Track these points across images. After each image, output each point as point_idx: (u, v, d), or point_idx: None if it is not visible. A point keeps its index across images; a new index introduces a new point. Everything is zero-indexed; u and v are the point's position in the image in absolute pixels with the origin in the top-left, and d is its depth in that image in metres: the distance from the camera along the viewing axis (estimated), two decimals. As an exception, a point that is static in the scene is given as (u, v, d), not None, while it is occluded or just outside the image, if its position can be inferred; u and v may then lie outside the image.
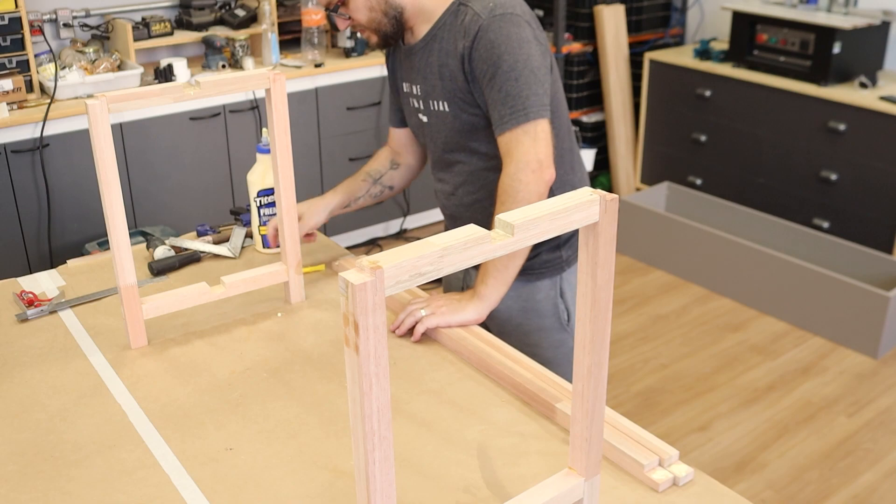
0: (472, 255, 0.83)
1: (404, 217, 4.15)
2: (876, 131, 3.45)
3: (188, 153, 3.37)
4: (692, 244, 3.68)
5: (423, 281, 0.80)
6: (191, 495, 1.15)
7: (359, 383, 0.79)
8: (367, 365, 0.78)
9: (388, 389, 0.81)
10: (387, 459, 0.84)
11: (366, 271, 0.76)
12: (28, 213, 3.09)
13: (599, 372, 0.99)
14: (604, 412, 1.05)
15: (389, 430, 0.83)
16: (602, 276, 0.94)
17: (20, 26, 3.07)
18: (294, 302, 1.64)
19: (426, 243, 0.81)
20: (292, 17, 3.80)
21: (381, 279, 0.76)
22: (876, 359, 3.18)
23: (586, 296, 0.95)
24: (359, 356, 0.77)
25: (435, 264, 0.80)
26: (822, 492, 2.53)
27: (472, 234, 0.83)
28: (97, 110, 1.33)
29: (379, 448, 0.82)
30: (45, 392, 1.37)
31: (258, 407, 1.33)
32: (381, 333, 0.78)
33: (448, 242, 0.81)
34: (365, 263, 0.76)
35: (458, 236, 0.82)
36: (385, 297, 0.77)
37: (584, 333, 0.97)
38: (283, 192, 1.55)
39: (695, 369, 3.13)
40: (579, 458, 1.05)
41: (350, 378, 0.80)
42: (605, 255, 0.93)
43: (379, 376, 0.79)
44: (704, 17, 4.57)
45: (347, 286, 0.75)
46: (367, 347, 0.77)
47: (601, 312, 0.96)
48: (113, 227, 1.40)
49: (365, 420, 0.80)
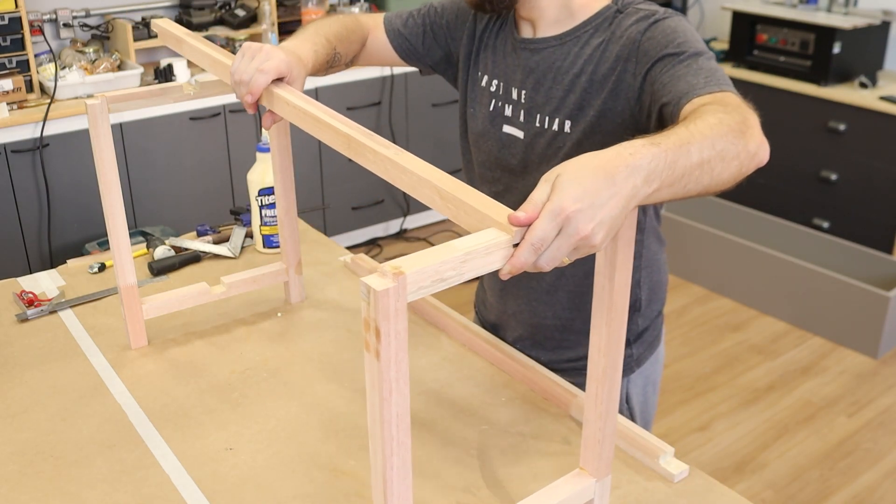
0: (495, 259, 0.81)
1: (404, 217, 4.15)
2: (876, 131, 3.45)
3: (188, 153, 3.37)
4: (692, 244, 3.68)
5: (445, 286, 0.78)
6: (191, 495, 1.15)
7: (378, 389, 0.77)
8: (387, 371, 0.77)
9: (407, 395, 0.79)
10: (405, 465, 0.83)
11: (388, 276, 0.74)
12: (28, 213, 3.09)
13: (614, 374, 0.99)
14: (616, 414, 1.05)
15: (408, 436, 0.82)
16: (619, 280, 0.93)
17: (20, 26, 3.07)
18: (294, 302, 1.63)
19: (448, 247, 0.78)
20: (292, 17, 3.80)
21: (403, 285, 0.74)
22: (876, 359, 3.18)
23: (602, 299, 0.95)
24: (379, 362, 0.76)
25: (457, 269, 0.78)
26: (822, 492, 2.52)
27: (495, 237, 0.81)
28: (97, 110, 1.33)
29: (397, 454, 0.82)
30: (45, 392, 1.37)
31: (258, 407, 1.33)
32: (402, 339, 0.76)
33: (471, 247, 0.78)
34: (387, 268, 0.74)
35: (481, 240, 0.80)
36: (406, 303, 0.75)
37: (600, 336, 0.97)
38: (283, 192, 1.55)
39: (695, 369, 3.13)
40: (591, 459, 1.05)
41: (369, 384, 0.79)
42: (623, 258, 0.92)
43: (399, 382, 0.78)
44: (704, 17, 4.57)
45: (369, 292, 0.73)
46: (389, 353, 0.76)
47: (617, 316, 0.95)
48: (113, 227, 1.40)
49: (384, 426, 0.79)
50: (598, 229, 0.81)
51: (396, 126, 3.91)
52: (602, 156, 0.84)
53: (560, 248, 0.81)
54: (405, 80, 3.86)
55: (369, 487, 1.15)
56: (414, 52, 1.52)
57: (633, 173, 0.84)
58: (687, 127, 0.93)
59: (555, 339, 1.46)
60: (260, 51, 1.27)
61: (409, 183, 0.96)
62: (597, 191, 0.81)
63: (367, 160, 1.04)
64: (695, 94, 1.10)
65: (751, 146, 0.98)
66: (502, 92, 1.38)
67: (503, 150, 1.38)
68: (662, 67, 1.19)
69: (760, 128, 1.01)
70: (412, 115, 3.96)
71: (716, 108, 1.00)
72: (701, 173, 0.91)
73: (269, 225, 1.81)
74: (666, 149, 0.87)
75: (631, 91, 1.23)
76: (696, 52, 1.17)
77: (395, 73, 3.82)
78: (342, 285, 1.70)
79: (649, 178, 0.85)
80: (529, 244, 0.80)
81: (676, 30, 1.21)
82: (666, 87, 1.16)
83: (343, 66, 1.50)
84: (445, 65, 1.52)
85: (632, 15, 1.26)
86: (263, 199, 1.79)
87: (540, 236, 0.80)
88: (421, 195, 0.94)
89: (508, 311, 1.49)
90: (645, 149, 0.86)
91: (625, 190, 0.83)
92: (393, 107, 3.88)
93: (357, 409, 1.32)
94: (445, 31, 1.49)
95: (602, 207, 0.81)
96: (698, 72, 1.14)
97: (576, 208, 0.80)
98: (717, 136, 0.93)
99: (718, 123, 0.95)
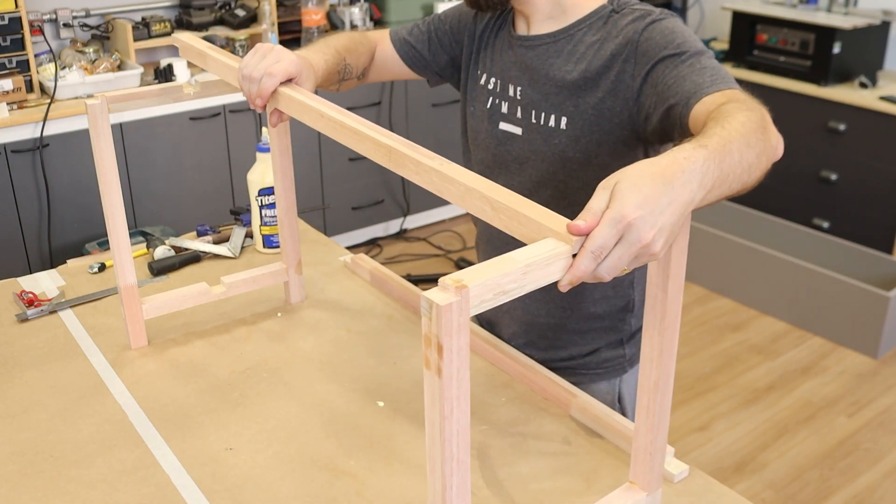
0: (555, 270, 0.78)
1: (404, 217, 4.15)
2: (876, 131, 3.45)
3: (188, 153, 3.37)
4: (692, 244, 3.68)
5: (507, 299, 0.75)
6: (191, 495, 1.15)
7: (439, 407, 0.75)
8: (449, 389, 0.74)
9: (468, 413, 0.77)
10: (464, 485, 0.80)
11: (450, 290, 0.71)
12: (28, 213, 3.09)
13: (666, 385, 0.96)
14: (668, 427, 1.03)
15: (468, 455, 0.79)
16: (673, 288, 0.91)
17: (20, 26, 3.07)
18: (294, 302, 1.64)
19: (508, 260, 0.76)
20: (292, 17, 3.81)
21: (466, 298, 0.71)
22: (876, 359, 3.18)
23: (656, 308, 0.92)
24: (441, 379, 0.73)
25: (518, 281, 0.76)
26: (822, 492, 2.52)
27: (554, 248, 0.78)
28: (97, 110, 1.33)
29: (457, 473, 0.79)
30: (45, 392, 1.37)
31: (258, 407, 1.33)
32: (464, 355, 0.74)
33: (531, 258, 0.76)
34: (448, 282, 0.72)
35: (541, 251, 0.78)
36: (469, 318, 0.73)
37: (653, 347, 0.95)
38: (282, 192, 1.55)
39: (695, 369, 3.13)
40: (642, 473, 1.02)
41: (429, 401, 0.76)
42: (677, 266, 0.90)
43: (460, 400, 0.76)
44: (704, 17, 4.57)
45: (432, 307, 0.70)
46: (451, 370, 0.73)
47: (670, 325, 0.93)
48: (113, 227, 1.40)
49: (445, 444, 0.77)
50: (658, 236, 0.80)
51: (396, 126, 3.90)
52: (659, 162, 0.84)
53: (621, 257, 0.79)
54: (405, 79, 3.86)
55: (369, 487, 1.15)
56: (420, 59, 1.53)
57: (689, 178, 0.83)
58: (723, 126, 0.93)
59: (548, 337, 1.46)
60: (271, 51, 1.28)
61: (458, 193, 0.93)
62: (657, 197, 0.80)
63: (410, 171, 1.01)
64: (703, 93, 1.10)
65: (773, 140, 1.00)
66: (500, 89, 1.38)
67: (501, 147, 1.39)
68: (664, 69, 1.19)
69: (772, 122, 1.03)
70: (412, 115, 3.96)
71: (737, 105, 1.01)
72: (741, 171, 0.91)
73: (269, 225, 1.81)
74: (713, 150, 0.87)
75: (630, 91, 1.23)
76: (697, 52, 1.18)
77: (395, 73, 3.82)
78: (342, 285, 1.70)
79: (703, 181, 0.85)
80: (590, 252, 0.78)
81: (675, 30, 1.21)
82: (671, 89, 1.16)
83: (355, 80, 1.51)
84: (451, 69, 1.53)
85: (627, 15, 1.27)
86: (263, 199, 1.79)
87: (600, 244, 0.78)
88: (470, 206, 0.92)
89: (503, 308, 1.50)
90: (696, 152, 0.86)
91: (683, 195, 0.82)
92: (393, 107, 3.88)
93: (357, 409, 1.32)
94: (449, 35, 1.50)
95: (662, 214, 0.80)
96: (702, 71, 1.14)
97: (637, 215, 0.78)
98: (748, 133, 0.94)
99: (747, 121, 0.96)
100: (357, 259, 1.76)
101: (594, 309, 1.42)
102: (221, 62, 1.37)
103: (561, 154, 1.31)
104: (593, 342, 1.45)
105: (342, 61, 1.44)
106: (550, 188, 1.34)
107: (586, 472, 1.17)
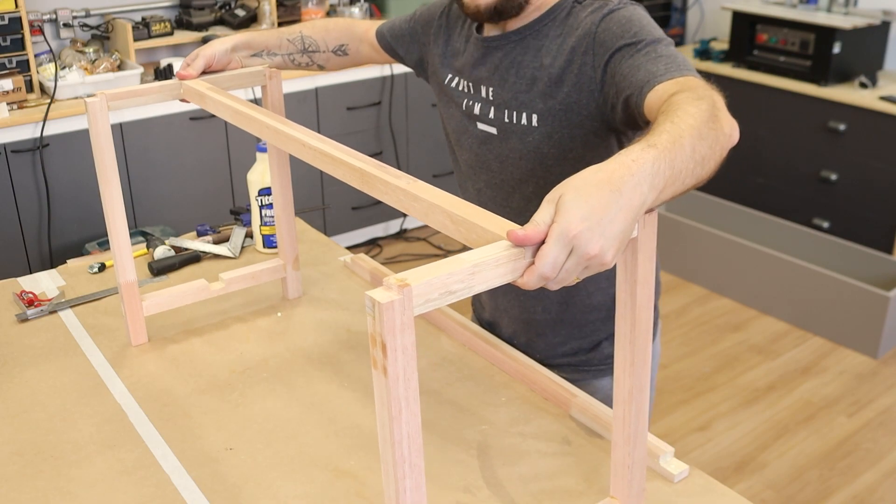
0: (505, 271, 0.77)
1: (404, 217, 4.15)
2: (876, 131, 3.45)
3: (188, 153, 3.37)
4: (692, 244, 3.68)
5: (455, 299, 0.75)
6: (191, 495, 1.15)
7: (387, 407, 0.74)
8: (395, 388, 0.73)
9: (418, 414, 0.76)
10: (418, 488, 0.79)
11: (393, 289, 0.71)
12: (28, 213, 3.09)
13: (641, 395, 0.95)
14: (646, 437, 1.00)
15: (421, 457, 0.78)
16: (642, 295, 0.89)
17: (20, 26, 3.07)
18: (292, 297, 1.63)
19: (456, 260, 0.75)
20: (292, 17, 3.80)
21: (409, 297, 0.71)
22: (876, 359, 3.18)
23: (625, 316, 0.91)
24: (387, 379, 0.73)
25: (466, 282, 0.75)
26: (822, 492, 2.52)
27: (503, 249, 0.77)
28: (96, 108, 1.33)
29: (410, 476, 0.78)
30: (45, 392, 1.37)
31: (258, 407, 1.33)
32: (410, 355, 0.73)
33: (480, 258, 0.75)
34: (392, 281, 0.71)
35: (490, 252, 0.77)
36: (413, 317, 0.72)
37: (625, 357, 0.93)
38: (280, 191, 1.55)
39: (695, 369, 3.13)
40: (621, 486, 1.00)
41: (378, 402, 0.75)
42: (644, 272, 0.89)
43: (409, 400, 0.75)
44: (704, 17, 4.57)
45: (374, 305, 0.70)
46: (396, 370, 0.73)
47: (641, 333, 0.91)
48: (113, 227, 1.40)
49: (395, 446, 0.76)
50: (608, 246, 0.78)
51: (396, 126, 3.90)
52: (605, 168, 0.81)
53: (570, 270, 0.78)
54: (405, 80, 3.86)
55: (369, 487, 1.15)
56: (395, 52, 1.58)
57: (639, 182, 0.81)
58: (673, 121, 0.91)
59: (547, 333, 1.47)
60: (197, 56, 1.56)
61: (421, 210, 0.94)
62: (603, 207, 0.78)
63: (380, 192, 1.01)
64: (656, 81, 1.09)
65: (726, 128, 0.97)
66: (472, 91, 1.38)
67: (482, 147, 1.39)
68: (621, 58, 1.18)
69: (726, 108, 1.00)
70: (412, 115, 3.96)
71: (687, 95, 0.98)
72: (694, 165, 0.89)
73: (269, 225, 1.81)
74: (663, 149, 0.85)
75: (593, 84, 1.23)
76: (654, 40, 1.17)
77: (395, 73, 3.82)
78: (342, 285, 1.70)
79: (654, 182, 0.82)
80: (539, 274, 0.77)
81: (631, 19, 1.20)
82: (626, 79, 1.15)
83: (332, 55, 1.61)
84: (420, 69, 1.56)
85: (588, 6, 1.26)
86: (263, 199, 1.79)
87: (551, 262, 0.77)
88: (433, 221, 0.92)
89: (500, 308, 1.51)
90: (645, 153, 0.83)
91: (634, 201, 0.80)
92: (393, 107, 3.88)
93: (357, 409, 1.32)
94: (421, 34, 1.52)
95: (611, 223, 0.78)
96: (657, 59, 1.13)
97: (582, 227, 0.76)
98: (699, 125, 0.91)
99: (698, 112, 0.94)
100: (357, 259, 1.76)
101: (589, 300, 1.43)
102: (221, 102, 1.38)
103: (536, 151, 1.31)
104: (593, 334, 1.45)
105: (299, 35, 1.58)
106: (531, 185, 1.34)
107: (586, 472, 1.17)
